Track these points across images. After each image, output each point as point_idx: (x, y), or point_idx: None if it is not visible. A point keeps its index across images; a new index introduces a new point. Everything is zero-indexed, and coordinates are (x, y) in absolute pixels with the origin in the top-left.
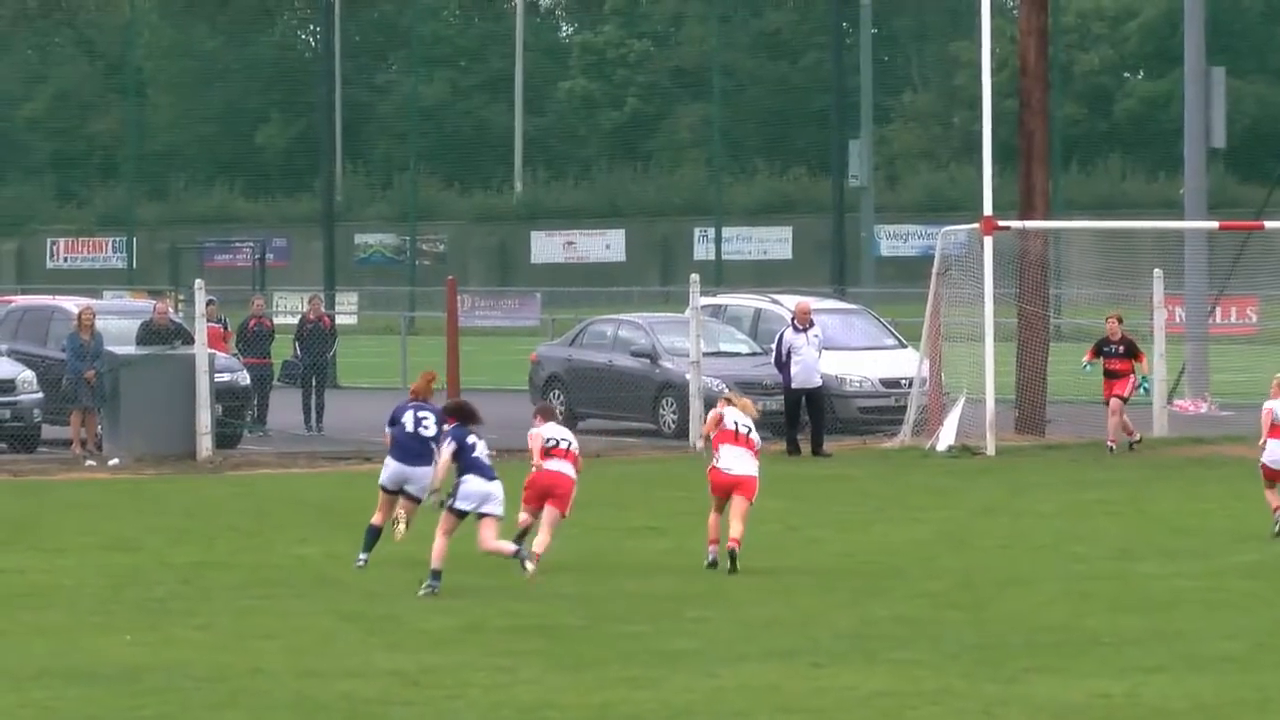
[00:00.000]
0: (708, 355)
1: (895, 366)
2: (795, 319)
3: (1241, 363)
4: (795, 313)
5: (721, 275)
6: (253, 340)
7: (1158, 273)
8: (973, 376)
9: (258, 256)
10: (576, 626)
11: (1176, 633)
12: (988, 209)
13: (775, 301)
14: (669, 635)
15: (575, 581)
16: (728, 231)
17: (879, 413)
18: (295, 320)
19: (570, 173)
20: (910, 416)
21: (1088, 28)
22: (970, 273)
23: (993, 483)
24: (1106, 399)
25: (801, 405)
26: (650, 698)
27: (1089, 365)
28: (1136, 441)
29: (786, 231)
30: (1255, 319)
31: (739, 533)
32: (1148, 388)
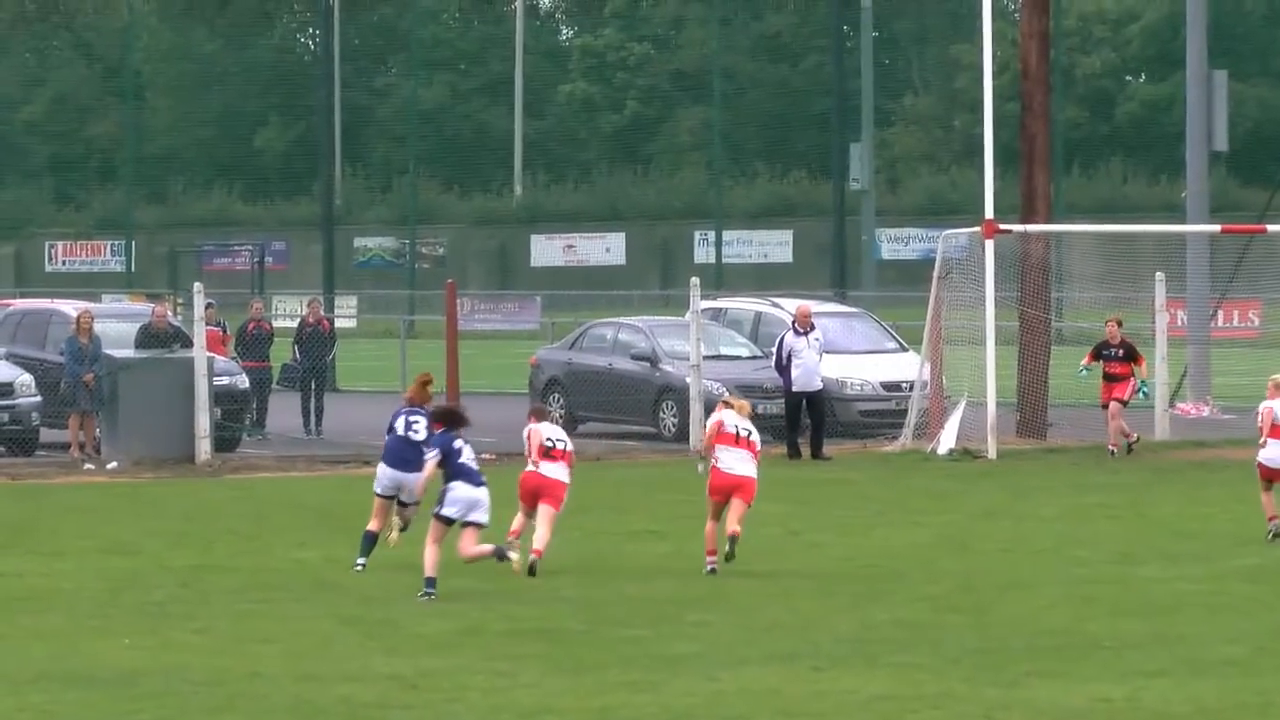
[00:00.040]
0: (708, 359)
1: (896, 370)
2: (796, 322)
3: (1243, 366)
4: (796, 316)
5: (722, 278)
6: (252, 343)
7: (1159, 276)
8: (974, 380)
9: (257, 260)
10: (576, 630)
11: (1178, 637)
12: (989, 212)
13: (776, 305)
14: (669, 639)
15: (575, 585)
16: (728, 235)
17: (880, 416)
18: (294, 323)
19: (570, 176)
20: (911, 420)
21: (1089, 31)
22: (971, 276)
23: (994, 486)
24: (1104, 402)
25: (802, 409)
26: (650, 701)
27: (1086, 369)
28: (1134, 441)
29: (787, 235)
30: (1257, 322)
31: (737, 526)
32: (1147, 392)
